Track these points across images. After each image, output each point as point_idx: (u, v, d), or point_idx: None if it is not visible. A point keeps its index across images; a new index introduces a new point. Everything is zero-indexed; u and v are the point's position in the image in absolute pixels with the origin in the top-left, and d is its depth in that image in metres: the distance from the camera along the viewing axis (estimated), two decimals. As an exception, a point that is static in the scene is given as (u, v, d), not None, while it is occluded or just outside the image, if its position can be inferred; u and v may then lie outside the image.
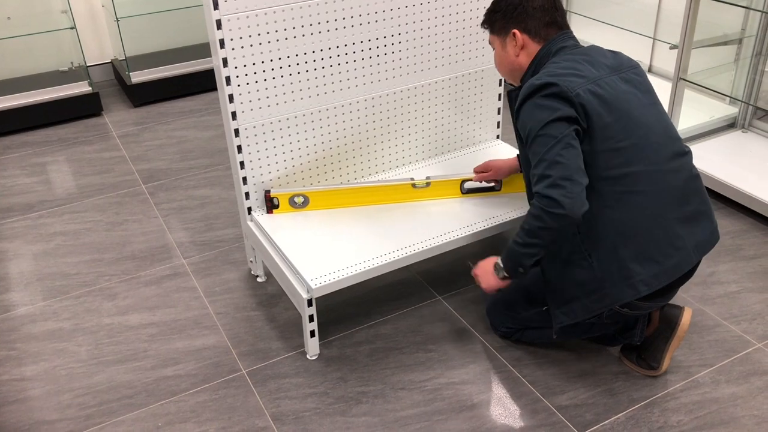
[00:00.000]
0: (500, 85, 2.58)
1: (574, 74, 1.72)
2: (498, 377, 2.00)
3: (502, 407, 1.91)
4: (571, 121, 1.68)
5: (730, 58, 3.12)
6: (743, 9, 2.97)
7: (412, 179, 2.27)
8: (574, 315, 1.82)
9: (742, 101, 3.09)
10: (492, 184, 2.31)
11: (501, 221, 2.20)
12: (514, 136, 3.11)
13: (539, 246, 1.73)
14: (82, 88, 3.65)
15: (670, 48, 2.88)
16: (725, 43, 3.11)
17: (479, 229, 2.16)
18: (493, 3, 1.91)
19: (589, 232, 1.74)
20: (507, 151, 2.60)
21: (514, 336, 2.09)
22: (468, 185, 2.31)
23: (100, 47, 4.06)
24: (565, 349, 2.07)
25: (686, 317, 1.93)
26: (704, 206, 1.83)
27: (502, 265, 1.83)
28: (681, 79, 2.85)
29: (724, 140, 3.05)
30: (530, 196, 1.91)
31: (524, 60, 1.88)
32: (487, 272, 1.89)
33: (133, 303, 2.35)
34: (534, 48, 1.86)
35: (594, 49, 1.85)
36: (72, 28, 3.66)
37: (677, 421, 1.84)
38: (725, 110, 3.16)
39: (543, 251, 1.76)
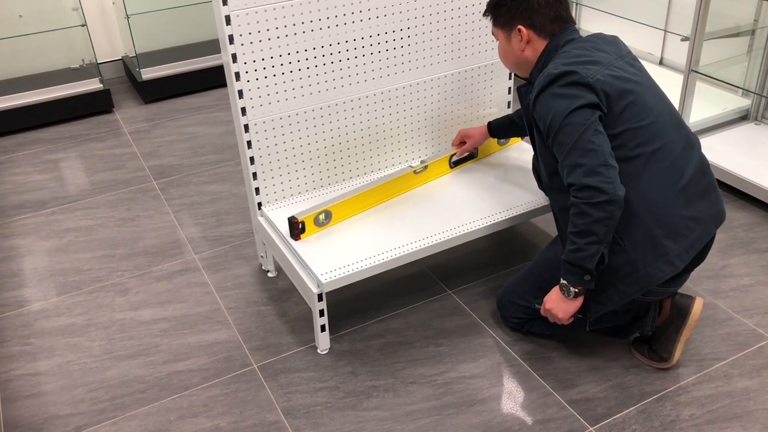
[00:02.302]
0: (509, 78, 2.57)
1: (589, 61, 1.73)
2: (509, 371, 2.00)
3: (513, 401, 1.91)
4: (593, 107, 1.68)
5: (743, 49, 3.09)
6: (756, -1, 2.94)
7: (410, 166, 2.32)
8: (611, 302, 1.80)
9: (754, 93, 3.06)
10: (469, 152, 2.44)
11: (513, 214, 2.19)
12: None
13: (596, 242, 1.66)
14: (93, 85, 3.67)
15: (682, 40, 2.85)
16: (737, 35, 3.08)
17: (490, 223, 2.16)
18: None
19: (621, 217, 1.71)
20: (516, 145, 2.59)
21: (524, 327, 2.09)
22: (454, 159, 2.42)
23: (110, 44, 4.08)
24: (575, 342, 2.07)
25: (698, 306, 1.92)
26: (713, 178, 1.86)
27: (566, 282, 1.76)
28: (693, 71, 2.82)
29: (737, 132, 3.03)
30: (547, 185, 1.91)
31: (530, 55, 1.88)
32: (557, 300, 1.80)
33: (145, 298, 2.36)
34: (540, 43, 1.86)
35: (598, 36, 1.87)
36: (83, 26, 3.67)
37: (689, 415, 1.84)
38: (738, 102, 3.13)
39: (602, 247, 1.68)
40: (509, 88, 2.59)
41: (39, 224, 2.81)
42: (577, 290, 1.76)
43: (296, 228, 2.09)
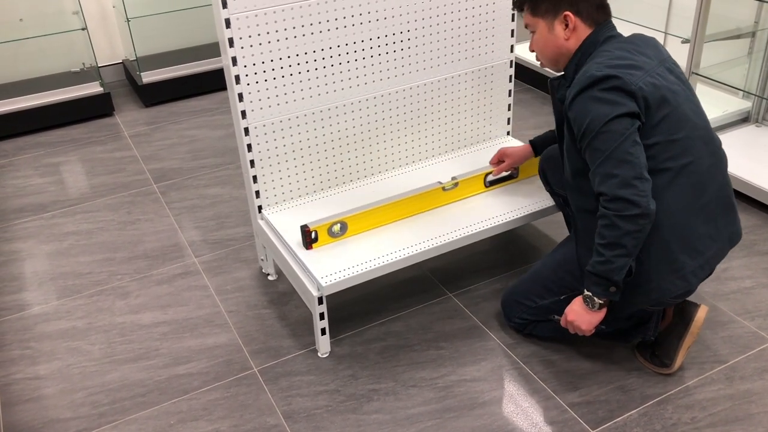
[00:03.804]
0: (510, 81, 2.57)
1: (632, 65, 1.67)
2: (510, 374, 1.99)
3: (514, 404, 1.90)
4: (633, 116, 1.64)
5: (743, 51, 3.09)
6: (756, 2, 2.94)
7: (440, 182, 2.22)
8: (618, 310, 1.79)
9: (755, 95, 3.06)
10: (509, 172, 2.31)
11: (514, 217, 2.19)
12: (525, 133, 3.09)
13: (625, 255, 1.64)
14: (93, 88, 3.67)
15: (682, 42, 2.85)
16: (738, 37, 3.08)
17: (491, 225, 2.15)
18: None
19: None
20: (517, 148, 2.59)
21: (526, 329, 2.07)
22: (490, 178, 2.30)
23: (111, 48, 4.08)
24: (577, 345, 2.06)
25: (701, 314, 1.91)
26: (733, 197, 1.83)
27: (591, 294, 1.72)
28: (693, 73, 2.82)
29: (738, 135, 3.02)
30: (568, 184, 1.87)
31: (573, 44, 1.80)
32: (581, 312, 1.76)
33: (145, 302, 2.36)
34: (584, 32, 1.79)
35: (639, 38, 1.80)
36: (83, 29, 3.68)
37: (691, 418, 1.83)
38: (738, 104, 3.13)
39: (630, 260, 1.66)
40: (509, 91, 2.59)
41: (39, 228, 2.80)
42: (602, 302, 1.72)
43: (308, 237, 2.04)
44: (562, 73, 1.86)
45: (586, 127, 1.66)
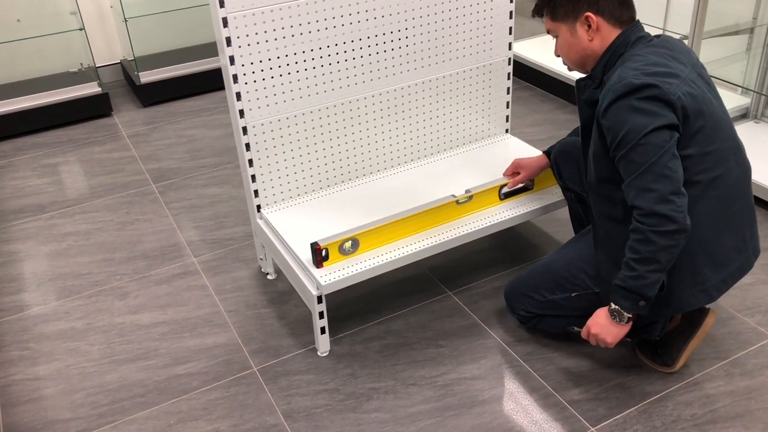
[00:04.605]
0: (508, 79, 2.56)
1: (669, 73, 1.60)
2: (509, 372, 1.99)
3: (514, 402, 1.90)
4: (672, 128, 1.58)
5: (742, 47, 3.09)
6: (754, -2, 2.94)
7: (453, 195, 2.15)
8: (637, 320, 1.76)
9: (754, 91, 3.06)
10: (524, 184, 2.25)
11: (513, 215, 2.18)
12: (523, 130, 3.09)
13: (659, 270, 1.61)
14: (91, 88, 3.66)
15: (681, 38, 2.85)
16: (736, 33, 3.08)
17: (490, 224, 2.15)
18: None
19: None
20: (516, 146, 2.59)
21: (531, 322, 2.04)
22: (505, 190, 2.23)
23: (108, 48, 4.07)
24: (576, 342, 2.06)
25: (710, 319, 1.89)
26: (754, 210, 1.81)
27: (619, 308, 1.68)
28: (692, 69, 2.81)
29: (737, 131, 3.01)
30: (592, 189, 1.81)
31: (598, 45, 1.74)
32: (607, 325, 1.72)
33: (144, 302, 2.36)
34: (609, 32, 1.73)
35: (669, 41, 1.73)
36: (81, 30, 3.67)
37: (691, 415, 1.83)
38: (737, 101, 3.13)
39: (663, 275, 1.63)
40: (508, 89, 2.58)
41: (38, 228, 2.80)
42: (630, 316, 1.69)
43: (318, 255, 1.96)
44: (588, 74, 1.80)
45: (623, 137, 1.60)
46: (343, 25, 2.13)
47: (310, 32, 2.09)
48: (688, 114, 1.60)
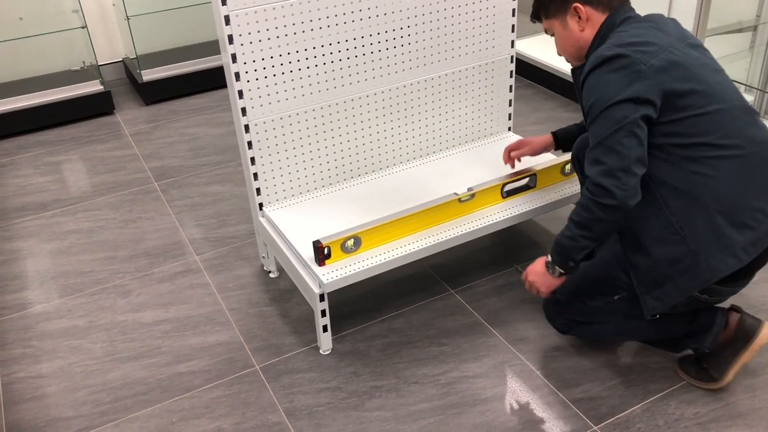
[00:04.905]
0: (511, 77, 2.56)
1: (645, 42, 1.63)
2: (512, 371, 1.99)
3: (516, 401, 1.90)
4: (639, 102, 1.59)
5: (745, 45, 3.08)
6: (758, -5, 2.93)
7: (455, 194, 2.15)
8: (669, 299, 1.69)
9: (757, 89, 3.05)
10: (526, 181, 2.24)
11: (515, 213, 2.18)
12: (526, 128, 3.09)
13: (590, 239, 1.68)
14: (93, 87, 3.67)
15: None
16: (740, 31, 3.07)
17: (492, 222, 2.15)
18: None
19: (680, 203, 1.65)
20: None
21: (573, 330, 1.97)
22: (507, 188, 2.22)
23: (111, 46, 4.08)
24: (579, 341, 2.06)
25: (765, 331, 1.80)
26: None
27: (551, 262, 1.77)
28: (695, 67, 2.81)
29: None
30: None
31: (589, 34, 1.77)
32: (541, 275, 1.81)
33: (146, 300, 2.36)
34: (599, 18, 1.76)
35: (659, 16, 1.75)
36: (83, 28, 3.67)
37: (694, 413, 1.82)
38: (740, 98, 3.12)
39: (594, 244, 1.70)
40: (510, 87, 2.58)
41: (40, 226, 2.80)
42: (561, 271, 1.78)
43: (321, 253, 1.96)
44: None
45: (590, 108, 1.66)
46: (345, 22, 2.13)
47: (312, 30, 2.09)
48: (669, 78, 1.60)
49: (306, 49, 2.11)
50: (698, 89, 1.62)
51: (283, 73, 2.10)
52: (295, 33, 2.06)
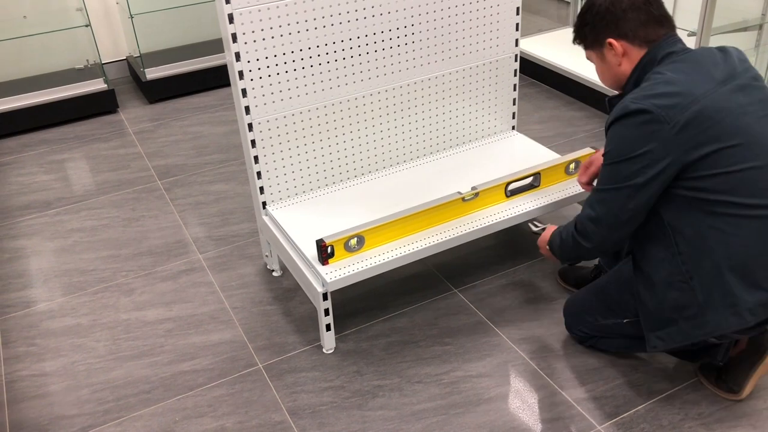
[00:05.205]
0: (515, 75, 2.55)
1: (675, 93, 1.55)
2: (515, 370, 1.99)
3: (520, 400, 1.89)
4: (652, 163, 1.56)
5: (751, 44, 3.07)
6: (763, -6, 2.92)
7: (459, 192, 2.14)
8: (671, 341, 1.70)
9: (762, 88, 3.04)
10: (530, 180, 2.24)
11: (519, 212, 2.17)
12: (530, 127, 3.09)
13: (563, 256, 1.89)
14: (97, 85, 3.67)
15: (689, 35, 2.83)
16: (745, 29, 3.06)
17: (496, 221, 2.14)
18: (579, 16, 1.76)
19: (693, 252, 1.62)
20: (523, 143, 2.58)
21: (588, 341, 2.00)
22: (511, 187, 2.22)
23: (114, 44, 4.08)
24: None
25: None
26: None
27: (549, 243, 1.95)
28: (700, 66, 2.79)
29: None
30: None
31: (627, 68, 1.71)
32: (543, 241, 2.01)
33: (149, 298, 2.36)
34: (637, 54, 1.68)
35: (704, 54, 1.64)
36: (87, 26, 3.67)
37: (698, 414, 1.82)
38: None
39: (576, 261, 1.92)
40: (514, 85, 2.57)
41: (44, 225, 2.81)
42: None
43: (324, 252, 1.96)
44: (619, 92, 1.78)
45: (607, 152, 1.66)
46: (349, 21, 2.13)
47: (315, 29, 2.08)
48: (695, 136, 1.53)
49: (310, 48, 2.10)
50: (733, 144, 1.54)
51: (287, 72, 2.10)
52: (299, 31, 2.06)
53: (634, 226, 1.68)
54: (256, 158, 2.17)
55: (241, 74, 2.03)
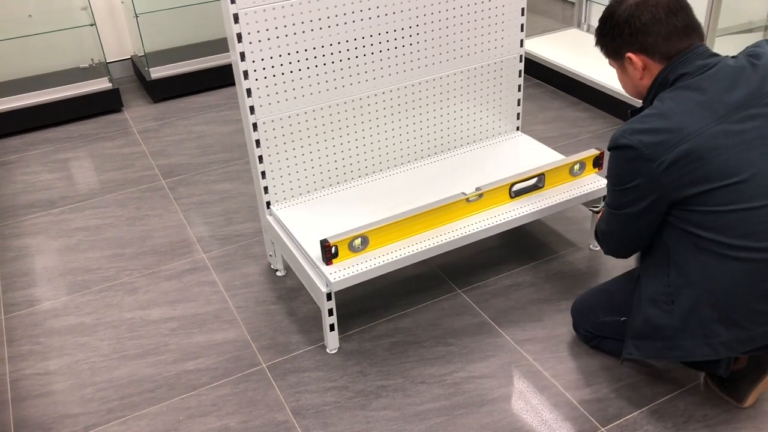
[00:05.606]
0: (519, 76, 2.55)
1: (666, 129, 1.50)
2: (519, 371, 1.98)
3: (524, 401, 1.89)
4: (641, 197, 1.58)
5: (756, 45, 3.06)
6: (769, -5, 2.91)
7: (463, 193, 2.14)
8: (645, 353, 1.73)
9: (767, 90, 3.03)
10: (534, 181, 2.23)
11: (523, 213, 2.17)
12: (534, 128, 3.09)
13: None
14: (102, 84, 3.67)
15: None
16: (750, 31, 3.05)
17: (499, 222, 2.14)
18: (600, 22, 1.69)
19: (678, 279, 1.62)
20: (527, 143, 2.57)
21: (592, 342, 2.00)
22: (515, 188, 2.21)
23: (119, 43, 4.08)
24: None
25: None
26: None
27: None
28: (705, 67, 2.79)
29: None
30: None
31: (647, 82, 1.65)
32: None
33: (153, 297, 2.36)
34: (656, 68, 1.62)
35: (725, 72, 1.55)
36: (92, 25, 3.68)
37: (703, 416, 1.81)
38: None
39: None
40: (519, 86, 2.57)
41: (48, 223, 2.81)
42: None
43: (328, 252, 1.96)
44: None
45: (606, 177, 1.72)
46: (354, 21, 2.13)
47: (321, 29, 2.08)
48: (683, 175, 1.50)
49: (315, 48, 2.10)
50: (728, 183, 1.48)
51: (291, 72, 2.10)
52: (304, 31, 2.06)
53: (643, 243, 1.72)
54: (260, 158, 2.17)
55: (246, 74, 2.03)
